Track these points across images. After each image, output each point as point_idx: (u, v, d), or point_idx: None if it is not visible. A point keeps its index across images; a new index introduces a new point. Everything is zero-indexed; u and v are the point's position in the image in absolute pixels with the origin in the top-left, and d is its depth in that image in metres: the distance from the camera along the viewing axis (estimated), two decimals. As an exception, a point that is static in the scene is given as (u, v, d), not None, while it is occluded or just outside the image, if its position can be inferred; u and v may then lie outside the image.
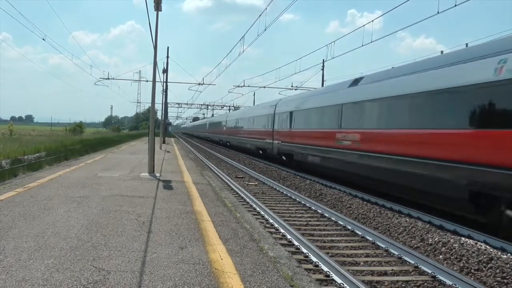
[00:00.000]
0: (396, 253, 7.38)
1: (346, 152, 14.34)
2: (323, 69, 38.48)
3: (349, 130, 14.38)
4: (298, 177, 18.16)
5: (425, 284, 6.09)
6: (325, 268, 6.36)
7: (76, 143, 28.36)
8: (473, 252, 7.18)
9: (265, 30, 20.48)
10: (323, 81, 38.99)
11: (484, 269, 6.63)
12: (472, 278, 6.37)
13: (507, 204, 8.04)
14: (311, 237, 8.46)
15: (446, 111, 9.72)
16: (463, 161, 8.88)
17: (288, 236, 8.18)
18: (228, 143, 42.57)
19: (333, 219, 10.08)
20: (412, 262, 6.88)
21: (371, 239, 8.28)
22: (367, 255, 7.48)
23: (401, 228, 9.17)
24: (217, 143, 52.36)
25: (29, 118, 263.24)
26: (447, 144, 9.53)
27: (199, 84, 46.51)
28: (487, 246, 7.50)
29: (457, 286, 5.89)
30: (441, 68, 10.23)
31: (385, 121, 12.41)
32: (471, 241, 7.78)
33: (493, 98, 8.41)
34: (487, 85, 8.48)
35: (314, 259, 6.80)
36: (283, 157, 22.46)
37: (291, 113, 21.46)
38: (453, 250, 7.44)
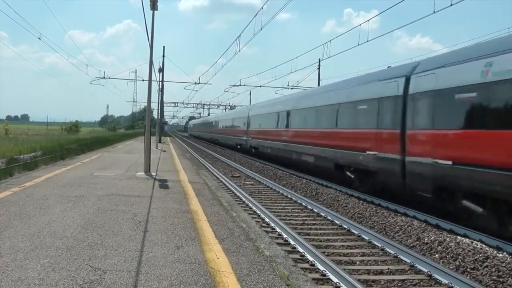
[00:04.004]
0: (392, 252, 7.39)
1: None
2: (319, 68, 38.57)
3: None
4: (294, 176, 18.18)
5: (421, 283, 6.10)
6: (321, 267, 6.36)
7: (72, 142, 28.23)
8: (469, 251, 7.21)
9: (261, 29, 20.54)
10: (319, 80, 39.08)
11: (480, 267, 6.66)
12: (468, 277, 6.39)
13: None
14: (307, 236, 8.46)
15: None
16: None
17: (284, 235, 8.18)
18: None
19: (329, 218, 10.09)
20: (408, 261, 6.89)
21: (367, 238, 8.29)
22: (363, 254, 7.49)
23: (397, 227, 9.20)
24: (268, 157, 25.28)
25: (25, 118, 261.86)
26: None
27: (195, 83, 46.66)
28: (483, 245, 7.53)
29: (453, 285, 5.90)
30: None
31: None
32: (467, 240, 7.81)
33: None
34: None
35: (310, 258, 6.80)
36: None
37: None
38: (449, 249, 7.46)
